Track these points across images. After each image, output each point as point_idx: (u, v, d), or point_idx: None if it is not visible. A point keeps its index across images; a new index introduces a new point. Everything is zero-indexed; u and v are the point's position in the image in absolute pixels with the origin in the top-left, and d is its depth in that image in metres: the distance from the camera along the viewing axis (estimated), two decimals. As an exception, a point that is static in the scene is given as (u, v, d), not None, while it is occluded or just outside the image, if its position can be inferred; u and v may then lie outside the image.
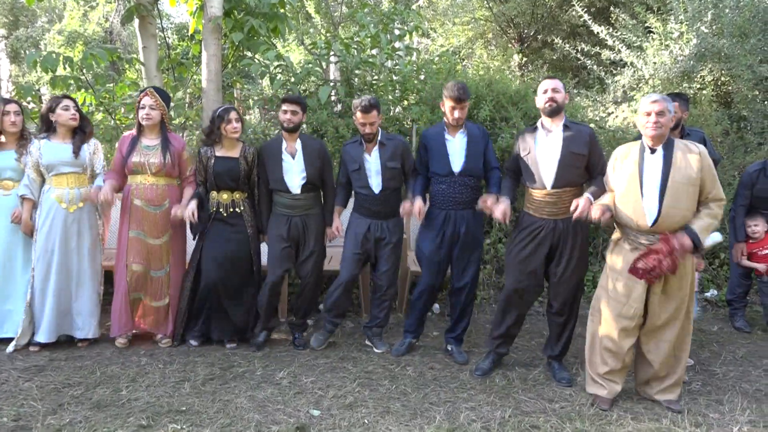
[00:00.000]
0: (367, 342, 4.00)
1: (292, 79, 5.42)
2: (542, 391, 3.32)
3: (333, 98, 5.58)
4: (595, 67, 7.64)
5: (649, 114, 2.94)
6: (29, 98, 5.30)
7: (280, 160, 3.76)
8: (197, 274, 3.86)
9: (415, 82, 5.76)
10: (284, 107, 3.75)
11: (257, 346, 3.85)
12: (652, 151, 2.99)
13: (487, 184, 3.73)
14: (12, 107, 3.88)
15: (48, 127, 3.81)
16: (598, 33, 7.39)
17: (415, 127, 5.27)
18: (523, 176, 3.41)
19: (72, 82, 5.21)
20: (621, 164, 3.08)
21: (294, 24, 6.74)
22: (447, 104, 3.56)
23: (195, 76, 5.93)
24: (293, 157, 3.76)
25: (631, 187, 2.98)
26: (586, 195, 3.11)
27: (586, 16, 7.65)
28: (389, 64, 5.93)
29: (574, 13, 8.34)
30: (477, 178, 3.66)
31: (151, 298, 3.86)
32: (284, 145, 3.78)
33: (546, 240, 3.29)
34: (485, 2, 11.05)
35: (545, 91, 3.28)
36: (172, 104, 4.71)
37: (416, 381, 3.43)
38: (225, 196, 3.82)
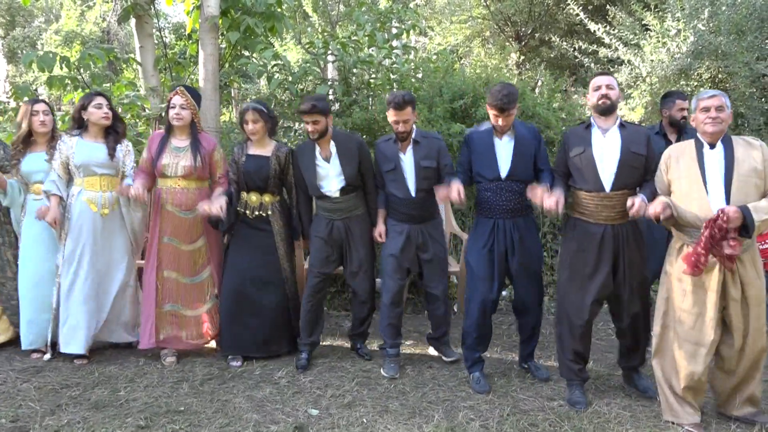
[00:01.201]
0: (432, 352, 3.83)
1: (290, 79, 5.41)
2: (541, 389, 3.32)
3: (331, 97, 5.58)
4: (592, 65, 7.63)
5: (707, 109, 2.77)
6: (25, 98, 5.28)
7: (315, 165, 3.52)
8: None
9: (413, 80, 5.74)
10: (304, 119, 3.46)
11: (302, 367, 3.54)
12: (711, 146, 2.80)
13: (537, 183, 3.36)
14: (40, 107, 3.74)
15: (79, 126, 3.64)
16: (595, 31, 7.38)
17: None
18: (573, 178, 3.15)
19: (69, 81, 5.20)
20: (677, 163, 2.87)
21: (291, 23, 6.72)
22: (490, 111, 3.25)
23: (192, 76, 5.92)
24: (328, 161, 3.51)
25: (694, 185, 2.78)
26: (640, 195, 2.90)
27: (582, 15, 7.64)
28: (387, 62, 5.93)
29: (571, 11, 8.32)
30: (526, 184, 3.26)
31: (185, 308, 3.69)
32: (317, 149, 3.52)
33: (608, 247, 3.03)
34: (482, 0, 11.04)
35: (598, 88, 3.05)
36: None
37: (415, 380, 3.43)
38: (254, 197, 3.61)
